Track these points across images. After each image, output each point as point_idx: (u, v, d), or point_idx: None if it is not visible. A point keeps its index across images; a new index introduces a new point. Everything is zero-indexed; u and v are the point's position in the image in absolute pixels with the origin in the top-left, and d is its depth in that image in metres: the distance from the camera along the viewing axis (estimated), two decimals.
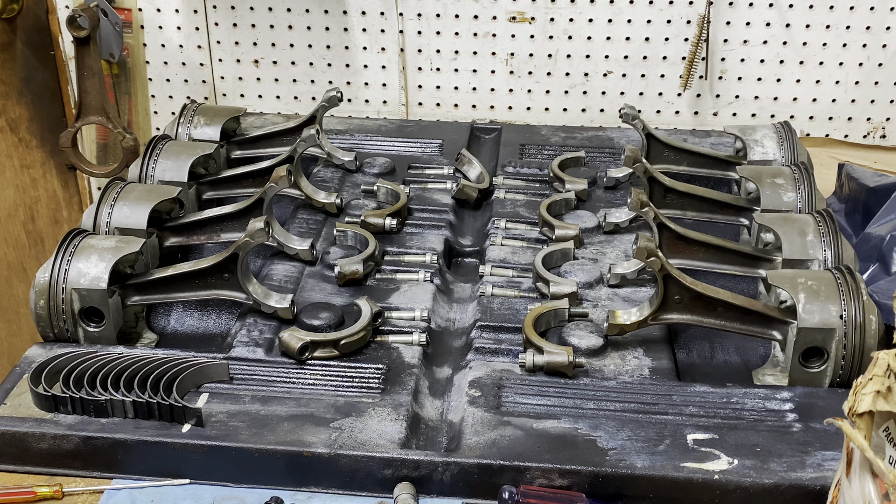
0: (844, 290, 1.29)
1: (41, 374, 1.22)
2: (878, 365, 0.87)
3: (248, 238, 1.31)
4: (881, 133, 2.26)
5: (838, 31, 2.16)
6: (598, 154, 1.93)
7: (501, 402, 1.23)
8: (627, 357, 1.33)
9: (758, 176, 1.64)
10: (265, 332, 1.36)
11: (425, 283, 1.49)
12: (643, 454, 1.13)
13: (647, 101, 2.26)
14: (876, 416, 0.88)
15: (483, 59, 2.25)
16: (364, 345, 1.33)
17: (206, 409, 1.20)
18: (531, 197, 1.75)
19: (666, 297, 1.31)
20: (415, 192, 1.76)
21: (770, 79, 2.22)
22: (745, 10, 2.16)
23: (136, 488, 1.15)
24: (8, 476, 1.17)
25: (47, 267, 1.35)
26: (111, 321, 1.35)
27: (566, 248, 1.54)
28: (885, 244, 1.61)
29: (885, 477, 0.83)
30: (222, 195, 1.75)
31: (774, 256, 1.47)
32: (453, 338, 1.42)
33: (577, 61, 2.24)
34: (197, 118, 1.85)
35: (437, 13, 2.20)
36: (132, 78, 2.32)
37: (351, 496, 1.15)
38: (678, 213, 1.63)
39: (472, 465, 1.12)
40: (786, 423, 1.20)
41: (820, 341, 1.28)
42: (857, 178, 1.84)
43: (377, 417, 1.19)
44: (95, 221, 1.51)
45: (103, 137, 2.31)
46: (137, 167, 1.69)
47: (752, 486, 1.10)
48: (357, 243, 1.56)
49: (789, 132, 1.81)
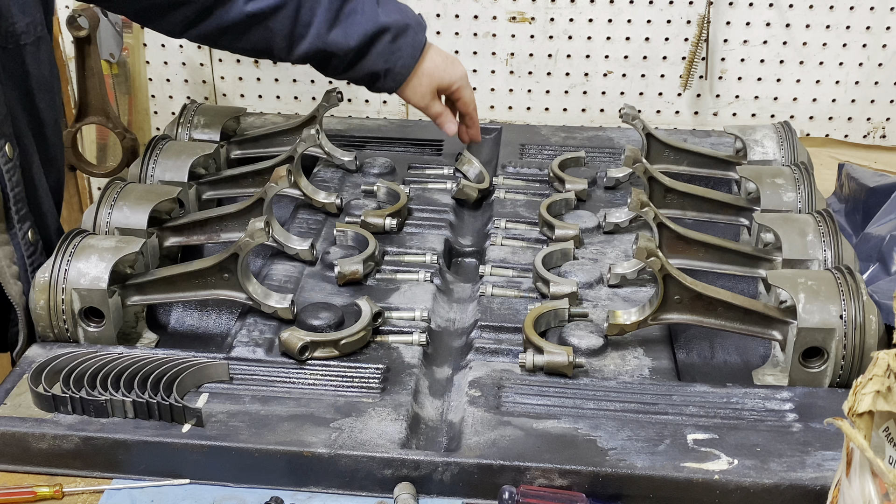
0: (844, 290, 1.29)
1: (41, 374, 1.22)
2: (878, 365, 0.87)
3: (248, 238, 1.31)
4: (881, 133, 2.26)
5: (838, 31, 2.16)
6: (598, 154, 1.93)
7: (501, 402, 1.23)
8: (627, 357, 1.33)
9: (758, 176, 1.64)
10: (265, 332, 1.36)
11: (425, 283, 1.49)
12: (643, 454, 1.13)
13: (647, 101, 2.26)
14: (876, 416, 0.88)
15: (483, 58, 2.25)
16: (364, 345, 1.33)
17: (206, 409, 1.20)
18: (531, 197, 1.75)
19: (666, 297, 1.31)
20: (415, 192, 1.76)
21: (770, 79, 2.22)
22: (745, 10, 2.16)
23: (136, 488, 1.15)
24: (8, 476, 1.17)
25: (47, 267, 1.35)
26: (111, 321, 1.35)
27: (566, 248, 1.54)
28: (885, 244, 1.61)
29: (885, 477, 0.83)
30: (222, 195, 1.75)
31: (774, 256, 1.47)
32: (453, 338, 1.42)
33: (577, 61, 2.24)
34: (197, 118, 1.85)
35: (437, 13, 2.20)
36: (132, 78, 2.32)
37: (351, 496, 1.15)
38: (678, 213, 1.63)
39: (472, 465, 1.12)
40: (786, 423, 1.20)
41: (820, 341, 1.28)
42: (857, 178, 1.84)
43: (377, 417, 1.19)
44: (95, 221, 1.51)
45: (103, 137, 2.31)
46: (137, 167, 1.69)
47: (752, 485, 1.10)
48: (357, 243, 1.56)
49: (789, 132, 1.81)
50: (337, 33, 1.62)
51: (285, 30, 1.61)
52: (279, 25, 1.60)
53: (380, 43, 1.64)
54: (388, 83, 1.69)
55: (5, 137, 1.40)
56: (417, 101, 1.72)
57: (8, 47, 1.45)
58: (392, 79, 1.68)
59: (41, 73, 1.51)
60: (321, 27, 1.61)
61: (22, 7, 1.45)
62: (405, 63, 1.66)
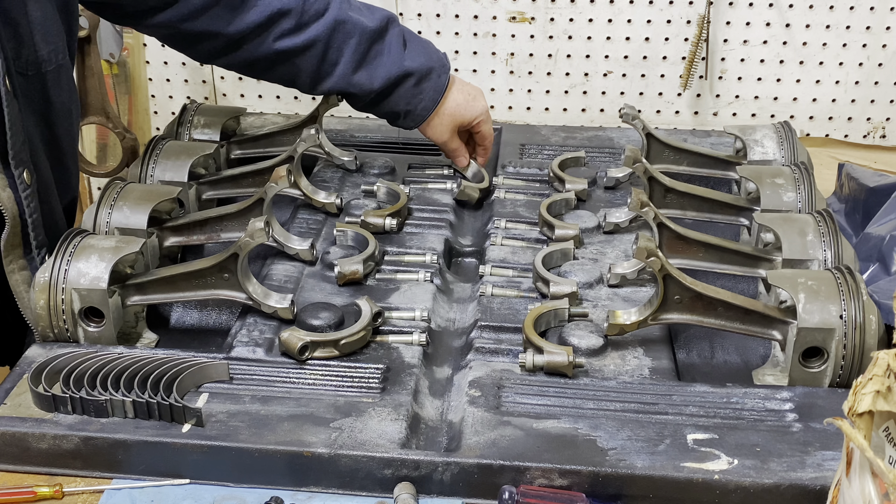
0: (844, 290, 1.29)
1: (41, 374, 1.22)
2: (878, 365, 0.87)
3: (248, 238, 1.31)
4: (881, 133, 2.26)
5: (838, 31, 2.16)
6: (598, 154, 1.93)
7: (501, 402, 1.23)
8: (627, 357, 1.33)
9: (758, 176, 1.64)
10: (265, 332, 1.36)
11: (425, 283, 1.49)
12: (643, 454, 1.13)
13: (647, 101, 2.26)
14: (876, 416, 0.88)
15: (483, 58, 2.25)
16: (364, 345, 1.33)
17: (206, 409, 1.20)
18: (531, 197, 1.75)
19: (666, 297, 1.31)
20: (415, 192, 1.76)
21: (770, 79, 2.22)
22: (745, 10, 2.16)
23: (136, 488, 1.15)
24: (8, 476, 1.17)
25: (47, 267, 1.35)
26: (111, 321, 1.35)
27: (566, 248, 1.54)
28: (885, 244, 1.61)
29: (885, 477, 0.83)
30: (222, 195, 1.75)
31: (774, 256, 1.47)
32: (453, 338, 1.42)
33: (577, 61, 2.24)
34: (197, 118, 1.85)
35: (437, 13, 2.20)
36: (132, 78, 2.32)
37: (351, 496, 1.15)
38: (678, 213, 1.63)
39: (472, 465, 1.12)
40: (786, 423, 1.20)
41: (820, 341, 1.28)
42: (857, 178, 1.84)
43: (377, 417, 1.19)
44: (95, 221, 1.51)
45: (103, 137, 2.31)
46: (137, 167, 1.69)
47: (752, 485, 1.10)
48: (357, 243, 1.56)
49: (789, 132, 1.81)
50: (362, 75, 1.65)
51: (311, 68, 1.63)
52: (306, 64, 1.63)
53: (403, 87, 1.67)
54: (409, 123, 1.73)
55: (23, 164, 1.40)
56: (437, 139, 1.76)
57: (29, 74, 1.45)
58: (412, 119, 1.72)
59: (61, 100, 1.52)
60: (347, 68, 1.64)
61: (45, 35, 1.45)
62: (426, 105, 1.70)
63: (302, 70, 1.64)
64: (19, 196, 1.40)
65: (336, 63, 1.63)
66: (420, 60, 1.67)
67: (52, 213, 1.52)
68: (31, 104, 1.46)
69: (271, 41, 1.59)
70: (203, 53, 1.65)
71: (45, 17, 1.45)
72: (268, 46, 1.59)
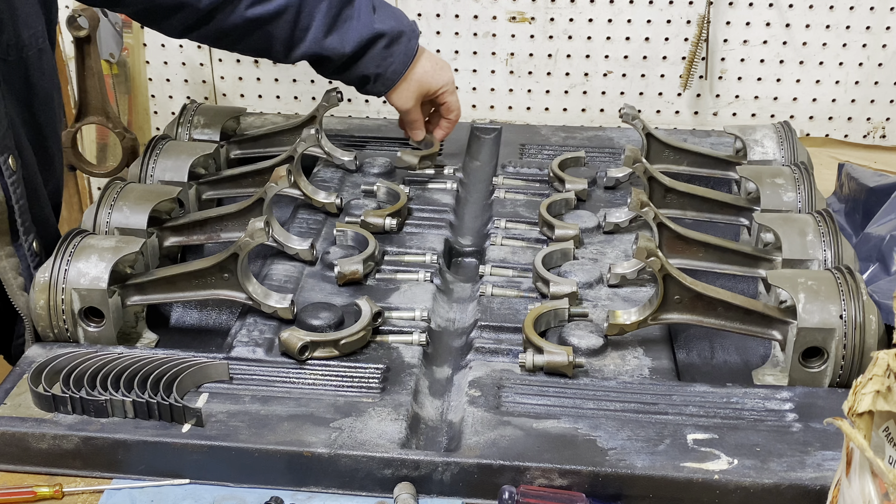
0: (844, 290, 1.29)
1: (41, 374, 1.22)
2: (877, 365, 0.87)
3: (248, 238, 1.31)
4: (881, 133, 2.26)
5: (838, 31, 2.16)
6: (598, 154, 1.93)
7: (501, 402, 1.23)
8: (627, 357, 1.33)
9: (758, 176, 1.64)
10: (265, 332, 1.36)
11: (425, 283, 1.49)
12: (643, 454, 1.13)
13: (647, 101, 2.26)
14: (876, 416, 0.88)
15: (483, 58, 2.25)
16: (364, 345, 1.33)
17: (206, 409, 1.20)
18: (531, 197, 1.75)
19: (666, 297, 1.31)
20: (415, 192, 1.76)
21: (770, 79, 2.22)
22: (745, 10, 2.16)
23: (135, 488, 1.15)
24: (8, 476, 1.17)
25: (47, 267, 1.35)
26: (111, 321, 1.35)
27: (566, 248, 1.54)
28: (885, 244, 1.61)
29: (885, 477, 0.83)
30: (222, 195, 1.75)
31: (774, 256, 1.47)
32: (453, 338, 1.42)
33: (577, 61, 2.24)
34: (197, 118, 1.85)
35: (437, 13, 2.20)
36: (132, 78, 2.32)
37: (351, 496, 1.15)
38: (678, 213, 1.63)
39: (472, 465, 1.12)
40: (786, 423, 1.20)
41: (820, 341, 1.28)
42: (857, 178, 1.84)
43: (377, 417, 1.19)
44: (95, 221, 1.51)
45: (103, 137, 2.31)
46: (137, 167, 1.69)
47: (752, 485, 1.10)
48: (357, 243, 1.56)
49: (789, 132, 1.81)
50: (333, 39, 1.64)
51: (284, 34, 1.62)
52: (278, 30, 1.62)
53: (374, 49, 1.66)
54: (378, 87, 1.72)
55: (8, 150, 1.40)
56: (401, 105, 1.75)
57: (9, 59, 1.45)
58: (382, 83, 1.71)
59: (42, 84, 1.52)
60: (319, 32, 1.63)
61: (25, 19, 1.45)
62: (396, 69, 1.69)
63: (275, 37, 1.63)
64: (5, 182, 1.40)
65: (308, 28, 1.62)
66: (390, 24, 1.67)
67: (37, 199, 1.51)
68: (13, 89, 1.46)
69: (243, 9, 1.57)
70: (175, 27, 1.62)
71: (24, 1, 1.45)
72: (239, 15, 1.58)
